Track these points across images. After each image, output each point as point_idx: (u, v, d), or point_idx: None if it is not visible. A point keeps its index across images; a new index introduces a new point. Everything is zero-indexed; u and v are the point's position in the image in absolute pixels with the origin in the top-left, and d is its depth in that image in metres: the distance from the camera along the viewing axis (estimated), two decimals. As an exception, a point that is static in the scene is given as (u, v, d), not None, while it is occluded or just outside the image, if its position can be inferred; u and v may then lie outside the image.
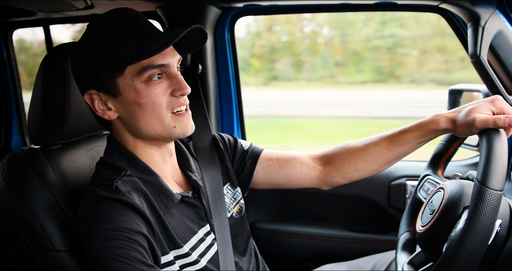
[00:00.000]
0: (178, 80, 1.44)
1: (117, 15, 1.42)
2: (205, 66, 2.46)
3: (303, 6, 2.42)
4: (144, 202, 1.43)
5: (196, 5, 2.29)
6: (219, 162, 1.85)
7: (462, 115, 1.46)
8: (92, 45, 1.39)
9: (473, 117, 1.39)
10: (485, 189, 1.18)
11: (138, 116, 1.42)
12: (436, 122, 1.57)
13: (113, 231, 1.26)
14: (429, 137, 1.63)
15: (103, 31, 1.39)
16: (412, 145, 1.68)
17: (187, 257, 1.48)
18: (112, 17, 1.42)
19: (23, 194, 1.44)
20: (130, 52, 1.35)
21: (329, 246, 2.48)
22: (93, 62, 1.39)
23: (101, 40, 1.38)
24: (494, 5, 1.84)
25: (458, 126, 1.48)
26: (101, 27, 1.41)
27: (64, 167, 1.60)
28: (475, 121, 1.38)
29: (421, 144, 1.68)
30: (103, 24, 1.41)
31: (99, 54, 1.38)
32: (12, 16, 2.83)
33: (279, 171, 1.88)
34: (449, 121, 1.53)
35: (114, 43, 1.37)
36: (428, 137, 1.63)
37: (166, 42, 1.33)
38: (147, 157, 1.53)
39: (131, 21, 1.41)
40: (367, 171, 1.81)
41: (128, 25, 1.40)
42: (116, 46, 1.37)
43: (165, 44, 1.32)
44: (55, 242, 1.43)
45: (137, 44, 1.36)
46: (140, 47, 1.35)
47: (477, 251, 1.16)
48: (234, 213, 1.81)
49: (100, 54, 1.38)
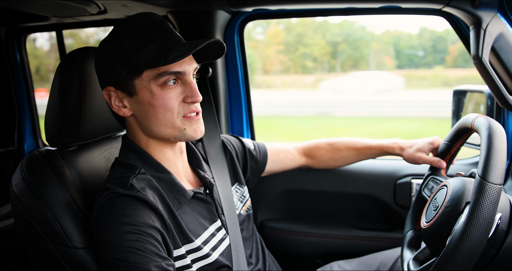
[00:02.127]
0: (191, 88, 1.49)
1: (143, 19, 1.48)
2: (215, 69, 2.50)
3: (310, 10, 2.45)
4: (157, 199, 1.48)
5: (206, 10, 2.32)
6: (227, 163, 1.94)
7: (411, 150, 2.07)
8: (116, 46, 1.46)
9: (419, 156, 2.02)
10: (485, 183, 1.24)
11: (151, 116, 1.48)
12: (392, 148, 2.16)
13: (129, 226, 1.31)
14: (385, 155, 2.22)
15: (127, 34, 1.46)
16: (371, 157, 2.27)
17: (199, 250, 1.53)
18: (139, 21, 1.48)
19: (42, 194, 1.48)
20: (149, 58, 1.41)
21: (337, 244, 2.49)
22: (115, 62, 1.45)
23: (124, 42, 1.44)
24: (496, 8, 1.86)
25: (405, 156, 2.11)
26: (127, 28, 1.48)
27: (80, 167, 1.64)
28: (420, 159, 2.02)
29: (379, 157, 2.26)
30: (130, 26, 1.48)
31: (121, 56, 1.44)
32: (26, 21, 2.87)
33: (279, 163, 2.26)
34: (400, 150, 2.13)
35: (136, 46, 1.43)
36: (384, 155, 2.22)
37: (184, 52, 1.38)
38: (159, 155, 1.59)
39: (155, 27, 1.47)
40: (336, 166, 2.40)
41: (152, 30, 1.46)
42: (137, 50, 1.43)
43: (182, 54, 1.37)
44: (73, 239, 1.47)
45: (157, 50, 1.42)
46: (159, 54, 1.40)
47: (478, 243, 1.20)
48: (243, 211, 1.88)
49: (121, 55, 1.44)
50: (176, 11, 2.33)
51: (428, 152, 2.03)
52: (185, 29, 2.39)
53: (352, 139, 2.28)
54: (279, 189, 2.61)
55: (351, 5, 2.20)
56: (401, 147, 2.12)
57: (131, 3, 2.07)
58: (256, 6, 2.29)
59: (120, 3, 2.07)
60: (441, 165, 1.87)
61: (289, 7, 2.40)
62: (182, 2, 2.21)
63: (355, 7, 2.28)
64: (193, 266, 1.51)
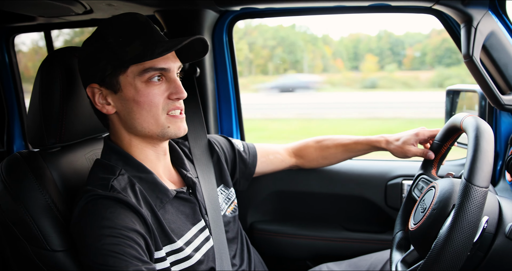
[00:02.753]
0: (176, 84, 1.51)
1: (128, 18, 1.51)
2: (203, 69, 2.48)
3: (299, 9, 2.44)
4: (140, 199, 1.47)
5: (193, 9, 2.31)
6: (214, 165, 1.93)
7: (398, 143, 2.04)
8: (101, 43, 1.48)
9: (407, 148, 2.00)
10: (471, 186, 1.21)
11: (135, 113, 1.49)
12: (379, 141, 2.12)
13: (109, 229, 1.31)
14: (373, 150, 2.19)
15: (113, 31, 1.48)
16: (360, 153, 2.23)
17: (180, 252, 1.52)
18: (124, 19, 1.51)
19: (21, 196, 1.47)
20: (135, 53, 1.43)
21: (328, 246, 2.48)
22: (100, 59, 1.47)
23: (110, 39, 1.46)
24: (487, 6, 1.85)
25: (393, 150, 2.07)
26: (112, 26, 1.50)
27: (62, 169, 1.63)
28: (409, 151, 2.00)
29: (367, 153, 2.23)
30: (115, 24, 1.50)
31: (106, 52, 1.46)
32: (13, 22, 2.85)
33: (269, 165, 2.24)
34: (387, 144, 2.10)
35: (122, 43, 1.45)
36: (373, 150, 2.19)
37: (169, 47, 1.41)
38: (141, 155, 1.58)
39: (140, 25, 1.50)
40: (326, 164, 2.36)
41: (137, 28, 1.49)
42: (123, 46, 1.45)
43: (168, 49, 1.40)
44: (52, 242, 1.46)
45: (142, 46, 1.44)
46: (145, 49, 1.43)
47: (462, 247, 1.18)
48: (228, 213, 1.87)
49: (107, 51, 1.46)
50: (163, 10, 2.32)
51: (415, 144, 2.02)
52: (172, 28, 2.37)
53: (340, 136, 2.27)
54: (268, 190, 2.59)
55: (339, 4, 2.17)
56: (388, 141, 2.10)
57: (116, 2, 2.05)
58: (243, 5, 2.28)
59: (106, 2, 2.05)
60: (429, 156, 1.85)
61: (277, 6, 2.39)
62: (169, 1, 2.19)
63: (344, 5, 2.27)
64: (172, 268, 1.50)
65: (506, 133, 2.18)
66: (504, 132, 2.18)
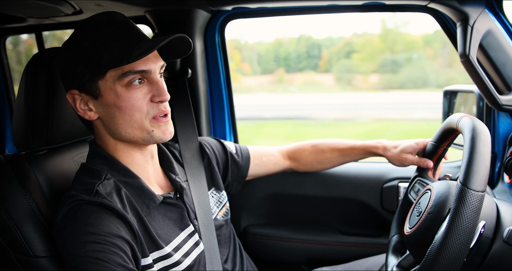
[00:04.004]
0: (158, 86, 1.47)
1: (103, 19, 1.45)
2: (195, 70, 2.46)
3: (291, 8, 2.43)
4: (126, 204, 1.45)
5: (184, 9, 2.30)
6: (204, 167, 1.91)
7: (396, 151, 2.03)
8: (77, 47, 1.43)
9: (404, 157, 1.97)
10: (466, 190, 1.19)
11: (118, 118, 1.45)
12: (376, 147, 2.11)
13: (93, 235, 1.29)
14: (370, 156, 2.18)
15: (88, 34, 1.43)
16: (356, 158, 2.21)
17: (168, 258, 1.50)
18: (99, 21, 1.45)
19: (3, 200, 1.45)
20: (111, 57, 1.38)
21: (323, 250, 2.47)
22: (77, 64, 1.42)
23: (85, 43, 1.41)
24: (483, 4, 1.84)
25: (389, 157, 2.06)
26: (86, 30, 1.44)
27: (49, 172, 1.61)
28: (406, 160, 1.97)
29: (364, 158, 2.21)
30: (89, 27, 1.44)
31: (83, 57, 1.41)
32: (3, 23, 2.86)
33: (263, 167, 2.21)
34: (384, 150, 2.08)
35: (98, 46, 1.40)
36: (369, 156, 2.18)
37: (146, 49, 1.36)
38: (128, 159, 1.56)
39: (117, 25, 1.44)
40: (321, 169, 2.35)
41: (113, 29, 1.43)
42: (99, 50, 1.40)
43: (145, 52, 1.35)
44: (35, 248, 1.44)
45: (119, 49, 1.39)
46: (121, 52, 1.38)
47: (458, 253, 1.16)
48: (219, 216, 1.85)
49: (83, 56, 1.41)
50: (154, 10, 2.30)
51: (414, 153, 1.98)
52: (163, 29, 2.36)
53: (336, 140, 2.24)
54: (262, 193, 2.58)
55: (333, 3, 2.16)
56: (385, 147, 2.08)
57: (105, 2, 2.03)
58: (235, 4, 2.26)
59: (95, 2, 2.04)
60: (428, 165, 1.84)
61: (269, 5, 2.38)
62: (160, 1, 2.18)
63: (338, 4, 2.25)
64: None
65: (504, 134, 2.16)
66: (503, 133, 2.17)
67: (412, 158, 1.96)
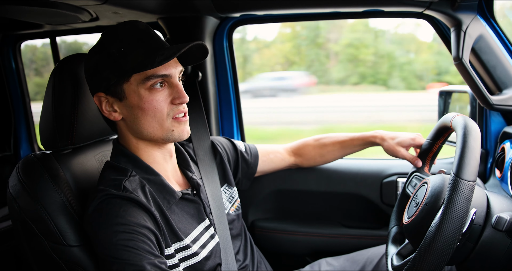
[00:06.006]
0: (178, 89, 1.55)
1: (128, 27, 1.54)
2: (205, 74, 2.54)
3: (296, 15, 2.50)
4: (150, 199, 1.54)
5: (195, 16, 2.37)
6: (217, 165, 1.99)
7: (392, 142, 2.11)
8: (104, 53, 1.51)
9: (398, 149, 2.07)
10: (459, 180, 1.27)
11: (140, 119, 1.54)
12: (374, 137, 2.19)
13: (123, 226, 1.37)
14: (368, 146, 2.26)
15: (114, 41, 1.52)
16: (356, 149, 2.29)
17: (187, 249, 1.58)
18: (124, 29, 1.54)
19: (38, 195, 1.53)
20: (136, 62, 1.46)
21: (326, 242, 2.53)
22: (103, 69, 1.50)
23: (112, 49, 1.50)
24: (475, 11, 1.91)
25: (385, 146, 2.13)
26: (112, 37, 1.53)
27: (74, 170, 1.69)
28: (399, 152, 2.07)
29: (363, 148, 2.29)
30: (115, 35, 1.53)
31: (109, 62, 1.50)
32: (20, 29, 2.90)
33: (270, 164, 2.29)
34: (381, 140, 2.16)
35: (123, 52, 1.49)
36: (368, 146, 2.26)
37: (169, 55, 1.44)
38: (149, 158, 1.64)
39: (140, 33, 1.53)
40: (324, 162, 2.42)
41: (137, 37, 1.52)
42: (124, 56, 1.48)
43: (167, 57, 1.44)
44: (68, 237, 1.52)
45: (143, 55, 1.47)
46: (145, 58, 1.46)
47: (452, 237, 1.24)
48: (231, 211, 1.93)
49: (110, 62, 1.50)
50: (166, 17, 2.38)
51: (408, 147, 2.09)
52: (175, 34, 2.43)
53: (337, 134, 2.33)
54: (269, 189, 2.64)
55: (335, 10, 2.24)
56: (383, 137, 2.16)
57: (122, 10, 2.11)
58: (243, 11, 2.34)
59: (111, 10, 2.11)
60: (417, 163, 1.95)
61: (275, 13, 2.45)
62: (172, 9, 2.25)
63: (340, 11, 2.33)
64: (181, 265, 1.56)
65: (496, 131, 2.24)
66: (494, 131, 2.24)
67: (405, 153, 2.06)
